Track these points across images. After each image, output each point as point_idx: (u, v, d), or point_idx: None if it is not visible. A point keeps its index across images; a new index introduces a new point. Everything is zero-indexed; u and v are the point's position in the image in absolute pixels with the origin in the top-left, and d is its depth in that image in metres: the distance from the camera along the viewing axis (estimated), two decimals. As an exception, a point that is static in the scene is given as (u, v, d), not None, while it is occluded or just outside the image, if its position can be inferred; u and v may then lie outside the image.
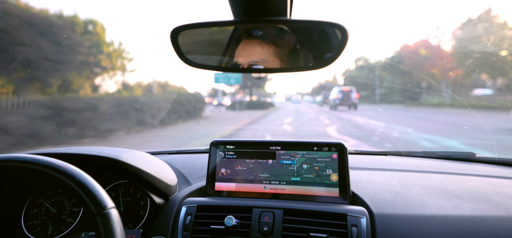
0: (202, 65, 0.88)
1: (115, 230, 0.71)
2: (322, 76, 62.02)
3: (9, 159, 0.77)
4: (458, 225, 1.00)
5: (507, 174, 1.37)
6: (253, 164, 1.27)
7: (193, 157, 1.62)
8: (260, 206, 1.14)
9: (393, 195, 1.16)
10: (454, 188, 1.21)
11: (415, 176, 1.33)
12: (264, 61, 0.83)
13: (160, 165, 1.28)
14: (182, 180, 1.41)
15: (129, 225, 1.26)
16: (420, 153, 1.66)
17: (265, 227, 1.09)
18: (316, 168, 1.22)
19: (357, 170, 1.42)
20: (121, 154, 1.15)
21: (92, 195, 0.74)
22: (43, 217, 1.28)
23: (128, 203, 1.30)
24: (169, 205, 1.23)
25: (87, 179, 0.76)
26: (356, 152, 1.70)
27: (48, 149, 1.18)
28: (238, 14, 0.78)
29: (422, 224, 1.01)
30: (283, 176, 1.24)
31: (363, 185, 1.24)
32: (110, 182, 1.32)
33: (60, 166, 0.77)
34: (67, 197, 1.32)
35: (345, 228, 1.05)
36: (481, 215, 1.03)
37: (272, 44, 0.83)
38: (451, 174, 1.37)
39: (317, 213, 1.10)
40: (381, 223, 1.04)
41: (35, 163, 0.77)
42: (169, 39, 0.84)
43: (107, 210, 0.73)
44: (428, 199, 1.13)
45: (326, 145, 1.23)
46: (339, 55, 0.79)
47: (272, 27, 0.83)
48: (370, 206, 1.10)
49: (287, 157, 1.25)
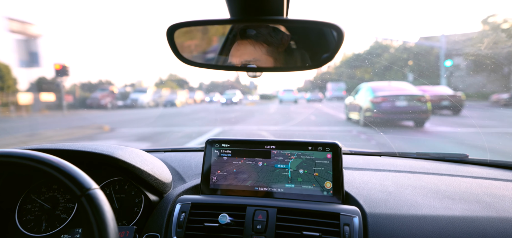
0: (197, 64, 0.88)
1: (102, 208, 0.70)
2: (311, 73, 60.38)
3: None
4: (449, 225, 1.01)
5: (498, 175, 1.39)
6: (248, 162, 1.28)
7: (188, 155, 1.62)
8: (254, 205, 1.15)
9: (386, 195, 1.17)
10: (446, 189, 1.23)
11: (408, 177, 1.34)
12: (257, 60, 0.84)
13: (155, 162, 1.28)
14: (177, 178, 1.41)
15: (123, 222, 1.26)
16: (414, 154, 1.68)
17: (259, 225, 1.10)
18: (312, 170, 1.23)
19: (351, 170, 1.43)
20: (116, 151, 1.15)
21: (72, 178, 0.74)
22: (37, 212, 1.28)
23: (122, 200, 1.30)
24: (164, 202, 1.23)
25: (66, 164, 0.77)
26: (350, 152, 1.71)
27: (42, 145, 1.17)
28: (235, 13, 0.78)
29: (414, 224, 1.03)
30: (277, 174, 1.24)
31: (356, 185, 1.25)
32: (104, 179, 1.32)
33: (37, 156, 0.77)
34: (61, 193, 1.31)
35: (338, 227, 1.06)
36: (471, 216, 1.04)
37: (264, 43, 0.83)
38: (444, 175, 1.38)
39: (310, 212, 1.11)
40: (374, 223, 1.05)
41: (12, 156, 0.77)
42: (165, 36, 0.84)
43: (91, 190, 0.72)
44: (421, 199, 1.14)
45: (320, 145, 1.24)
46: (335, 55, 0.80)
47: (264, 26, 0.83)
48: (363, 206, 1.11)
49: (281, 157, 1.26)
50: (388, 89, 8.30)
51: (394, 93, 7.99)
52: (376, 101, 7.86)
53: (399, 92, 8.02)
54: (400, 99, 7.86)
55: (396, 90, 8.27)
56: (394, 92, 8.02)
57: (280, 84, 36.68)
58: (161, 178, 1.24)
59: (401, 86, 8.72)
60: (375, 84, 8.74)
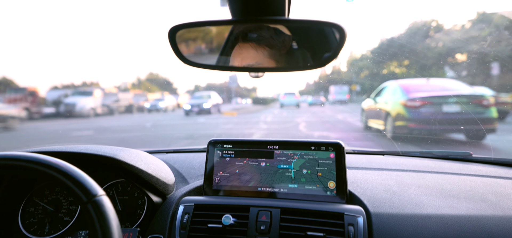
0: (199, 64, 0.88)
1: (107, 215, 0.70)
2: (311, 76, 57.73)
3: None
4: (454, 225, 1.01)
5: (503, 174, 1.37)
6: (251, 163, 1.27)
7: (191, 156, 1.62)
8: (257, 205, 1.14)
9: (390, 194, 1.17)
10: (450, 187, 1.22)
11: (412, 176, 1.34)
12: (259, 63, 0.83)
13: (157, 164, 1.28)
14: (180, 179, 1.41)
15: (126, 224, 1.26)
16: (417, 152, 1.67)
17: (263, 226, 1.09)
18: (315, 169, 1.22)
19: (355, 169, 1.43)
20: (119, 153, 1.15)
21: (80, 183, 0.73)
22: (40, 215, 1.28)
23: (125, 202, 1.30)
24: (167, 203, 1.23)
25: (73, 169, 0.76)
26: (353, 151, 1.70)
27: (46, 148, 1.17)
28: (236, 14, 0.78)
29: (419, 223, 1.02)
30: (281, 175, 1.24)
31: (360, 184, 1.25)
32: (107, 181, 1.32)
33: (44, 160, 0.77)
34: (64, 196, 1.31)
35: (342, 227, 1.05)
36: (477, 215, 1.04)
37: (266, 46, 0.83)
38: (448, 173, 1.37)
39: (314, 212, 1.10)
40: (378, 222, 1.04)
41: (19, 159, 0.77)
42: (167, 37, 0.83)
43: (97, 197, 0.72)
44: (425, 198, 1.14)
45: (323, 144, 1.23)
46: (337, 54, 0.80)
47: (266, 29, 0.83)
48: (367, 206, 1.10)
49: (284, 157, 1.26)
50: (427, 89, 5.84)
51: (439, 93, 5.57)
52: (412, 105, 5.50)
53: (446, 93, 5.54)
54: (449, 103, 5.32)
55: (440, 89, 5.77)
56: (439, 93, 5.60)
57: (281, 87, 30.82)
58: (164, 179, 1.24)
59: (445, 85, 6.23)
60: (406, 83, 6.34)
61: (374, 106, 6.84)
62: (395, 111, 5.77)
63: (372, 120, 6.97)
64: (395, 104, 5.81)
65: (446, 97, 5.46)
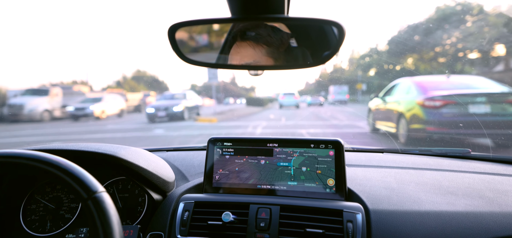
0: (198, 62, 0.89)
1: (108, 212, 0.71)
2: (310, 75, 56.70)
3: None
4: (452, 221, 1.01)
5: (501, 171, 1.38)
6: (251, 160, 1.28)
7: (191, 154, 1.63)
8: (257, 202, 1.15)
9: (389, 191, 1.17)
10: (449, 184, 1.23)
11: (410, 173, 1.34)
12: (258, 61, 0.84)
13: (158, 162, 1.29)
14: (180, 177, 1.41)
15: (127, 221, 1.26)
16: (416, 150, 1.68)
17: (262, 223, 1.10)
18: (314, 167, 1.23)
19: (354, 167, 1.44)
20: (119, 151, 1.16)
21: (80, 180, 0.74)
22: (42, 212, 1.29)
23: (126, 199, 1.30)
24: (167, 201, 1.23)
25: (74, 166, 0.77)
26: (352, 149, 1.71)
27: (46, 146, 1.18)
28: (236, 12, 0.78)
29: (417, 220, 1.03)
30: (280, 172, 1.25)
31: (359, 181, 1.26)
32: (108, 178, 1.33)
33: (45, 158, 0.78)
34: (65, 193, 1.32)
35: (341, 223, 1.06)
36: (474, 211, 1.04)
37: (264, 44, 0.84)
38: (446, 171, 1.38)
39: (314, 209, 1.11)
40: (377, 219, 1.05)
41: (19, 157, 0.78)
42: (167, 35, 0.84)
43: (98, 193, 0.73)
44: (423, 195, 1.14)
45: (322, 142, 1.24)
46: (336, 52, 0.80)
47: (263, 27, 0.83)
48: (366, 202, 1.11)
49: (283, 155, 1.27)
50: (447, 86, 4.88)
51: (464, 91, 4.62)
52: (431, 105, 4.56)
53: (473, 91, 4.50)
54: (477, 102, 4.27)
55: (464, 87, 4.79)
56: (464, 91, 4.64)
57: (281, 87, 29.34)
58: (164, 177, 1.24)
59: (469, 82, 5.08)
60: (422, 80, 5.40)
61: (384, 106, 6.01)
62: (410, 112, 4.93)
63: (381, 121, 6.13)
64: (410, 104, 4.95)
65: (474, 95, 4.41)
